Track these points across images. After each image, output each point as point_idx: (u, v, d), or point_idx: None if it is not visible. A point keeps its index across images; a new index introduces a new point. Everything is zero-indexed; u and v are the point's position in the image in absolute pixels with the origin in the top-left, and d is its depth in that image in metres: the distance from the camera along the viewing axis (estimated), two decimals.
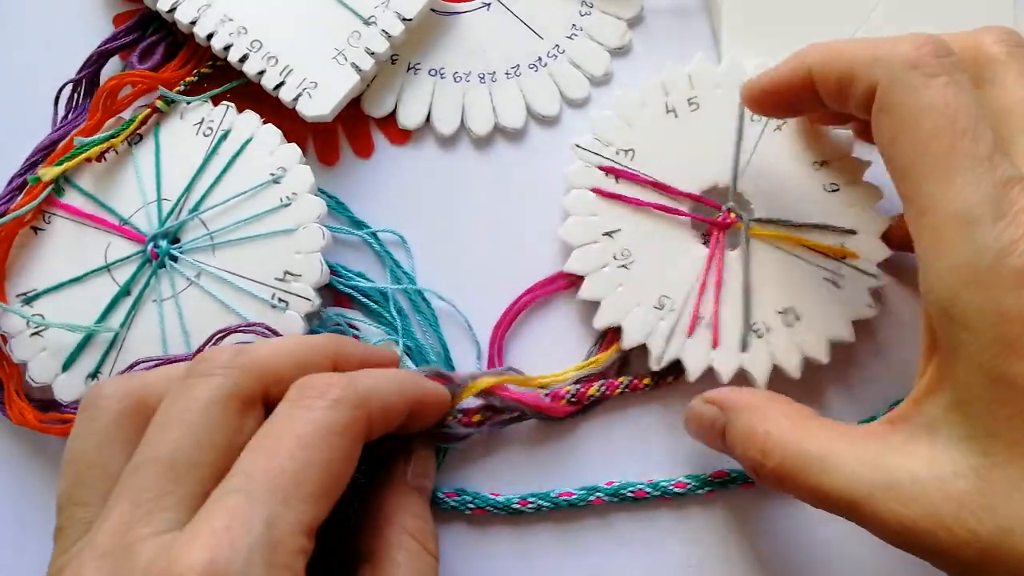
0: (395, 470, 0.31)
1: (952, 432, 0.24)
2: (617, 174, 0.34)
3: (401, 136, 0.37)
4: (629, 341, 0.33)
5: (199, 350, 0.32)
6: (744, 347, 0.33)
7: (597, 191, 0.34)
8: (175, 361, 0.33)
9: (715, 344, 0.33)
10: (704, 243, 0.34)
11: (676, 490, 0.33)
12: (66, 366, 0.34)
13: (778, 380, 0.33)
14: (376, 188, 0.37)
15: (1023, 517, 0.23)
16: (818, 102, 0.29)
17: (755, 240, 0.34)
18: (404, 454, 0.31)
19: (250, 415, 0.26)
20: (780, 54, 0.35)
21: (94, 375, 0.34)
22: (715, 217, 0.34)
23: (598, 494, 0.33)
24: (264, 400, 0.26)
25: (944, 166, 0.24)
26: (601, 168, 0.34)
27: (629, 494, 0.33)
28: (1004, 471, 0.23)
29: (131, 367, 0.33)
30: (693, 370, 0.33)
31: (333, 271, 0.35)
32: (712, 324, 0.33)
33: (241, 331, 0.32)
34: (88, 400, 0.27)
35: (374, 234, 0.36)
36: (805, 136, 0.34)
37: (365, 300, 0.35)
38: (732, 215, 0.34)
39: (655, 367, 0.33)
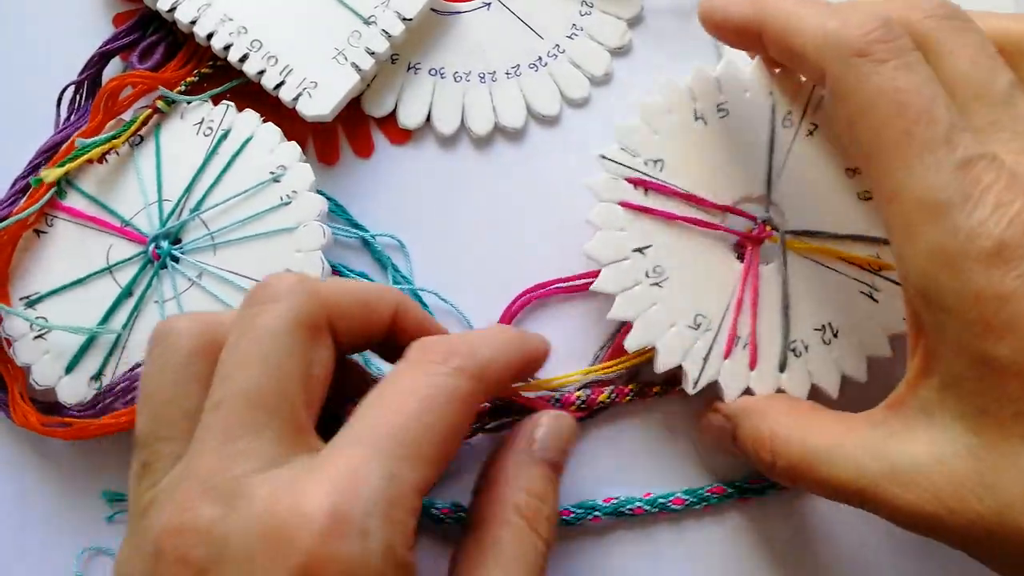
0: (519, 436, 0.29)
1: (946, 413, 0.24)
2: (646, 186, 0.32)
3: (401, 136, 0.37)
4: (664, 363, 0.31)
5: None
6: (783, 367, 0.31)
7: (625, 204, 0.32)
8: None
9: (753, 365, 0.31)
10: (738, 257, 0.33)
11: (674, 506, 0.33)
12: (69, 368, 0.34)
13: (815, 399, 0.32)
14: (376, 188, 0.37)
15: (1021, 492, 0.23)
16: (768, 53, 0.29)
17: (790, 253, 0.32)
18: (531, 421, 0.29)
19: (320, 343, 0.26)
20: None
21: (97, 377, 0.34)
22: (749, 230, 0.33)
23: (596, 513, 0.33)
24: (331, 333, 0.26)
25: (902, 153, 0.24)
26: (629, 180, 0.32)
27: (627, 511, 0.33)
28: (997, 449, 0.23)
29: (132, 369, 0.33)
30: (731, 393, 0.31)
31: (336, 271, 0.35)
32: (750, 344, 0.31)
33: None
34: (158, 336, 0.26)
35: (372, 237, 0.36)
36: (837, 141, 0.33)
37: None
38: (767, 228, 0.32)
39: (691, 390, 0.31)
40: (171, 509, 0.22)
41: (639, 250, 0.32)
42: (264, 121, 0.35)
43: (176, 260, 0.34)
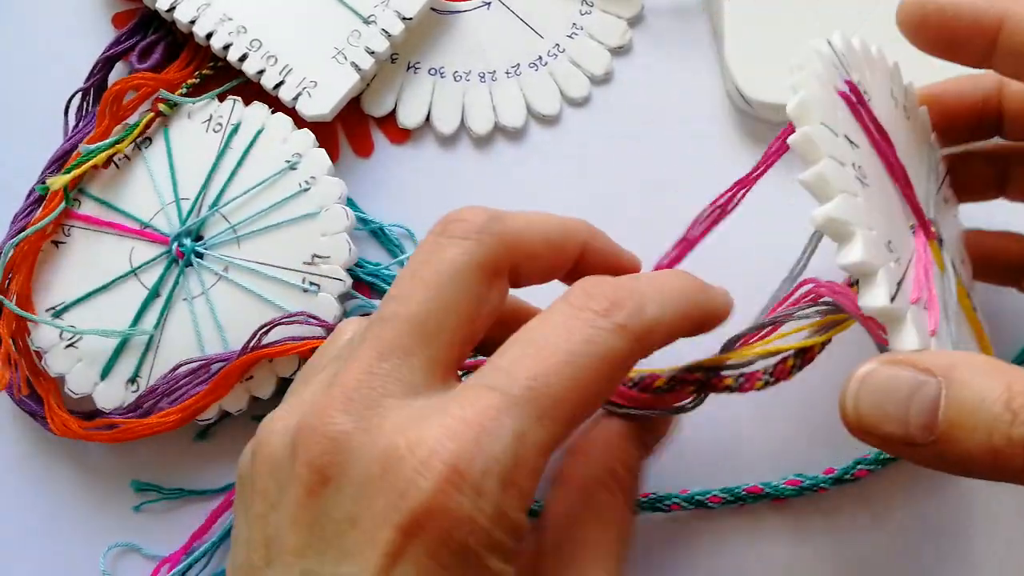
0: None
1: None
2: (859, 98, 0.25)
3: (401, 135, 0.37)
4: (859, 254, 0.22)
5: (243, 350, 0.33)
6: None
7: (843, 95, 0.25)
8: (217, 361, 0.33)
9: (932, 331, 0.24)
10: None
11: (711, 504, 0.32)
12: (104, 374, 0.34)
13: None
14: (376, 188, 0.37)
15: None
16: (982, 61, 0.26)
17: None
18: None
19: (496, 286, 0.25)
20: (781, 55, 0.35)
21: (133, 380, 0.34)
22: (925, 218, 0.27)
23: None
24: (512, 273, 0.26)
25: None
26: (847, 82, 0.26)
27: (665, 507, 0.32)
28: None
29: (174, 370, 0.33)
30: (912, 340, 0.23)
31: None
32: (929, 308, 0.24)
33: (283, 323, 0.33)
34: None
35: (382, 228, 0.36)
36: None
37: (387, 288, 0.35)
38: (934, 231, 0.27)
39: (884, 301, 0.22)
40: (314, 409, 0.23)
41: (849, 140, 0.24)
42: (273, 112, 0.36)
43: (200, 256, 0.35)
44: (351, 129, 0.37)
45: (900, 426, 0.22)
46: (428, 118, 0.37)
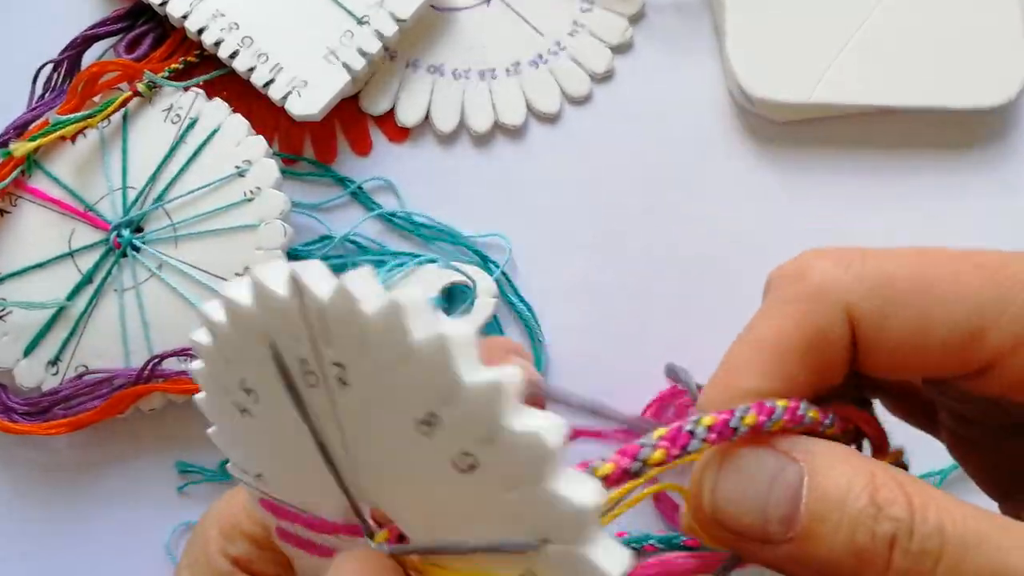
0: None
1: None
2: None
3: (400, 134, 0.37)
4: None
5: (137, 377, 0.32)
6: None
7: None
8: (120, 378, 0.32)
9: None
10: None
11: None
12: (27, 351, 0.33)
13: None
14: (374, 187, 0.36)
15: None
16: None
17: None
18: None
19: None
20: (783, 52, 0.35)
21: (54, 362, 0.33)
22: None
23: None
24: None
25: None
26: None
27: None
28: None
29: (79, 377, 0.33)
30: None
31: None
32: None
33: (174, 356, 0.32)
34: None
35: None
36: None
37: None
38: None
39: None
40: None
41: None
42: (233, 112, 0.35)
43: (137, 250, 0.34)
44: (349, 128, 0.37)
45: (759, 517, 0.19)
46: (427, 116, 0.36)
